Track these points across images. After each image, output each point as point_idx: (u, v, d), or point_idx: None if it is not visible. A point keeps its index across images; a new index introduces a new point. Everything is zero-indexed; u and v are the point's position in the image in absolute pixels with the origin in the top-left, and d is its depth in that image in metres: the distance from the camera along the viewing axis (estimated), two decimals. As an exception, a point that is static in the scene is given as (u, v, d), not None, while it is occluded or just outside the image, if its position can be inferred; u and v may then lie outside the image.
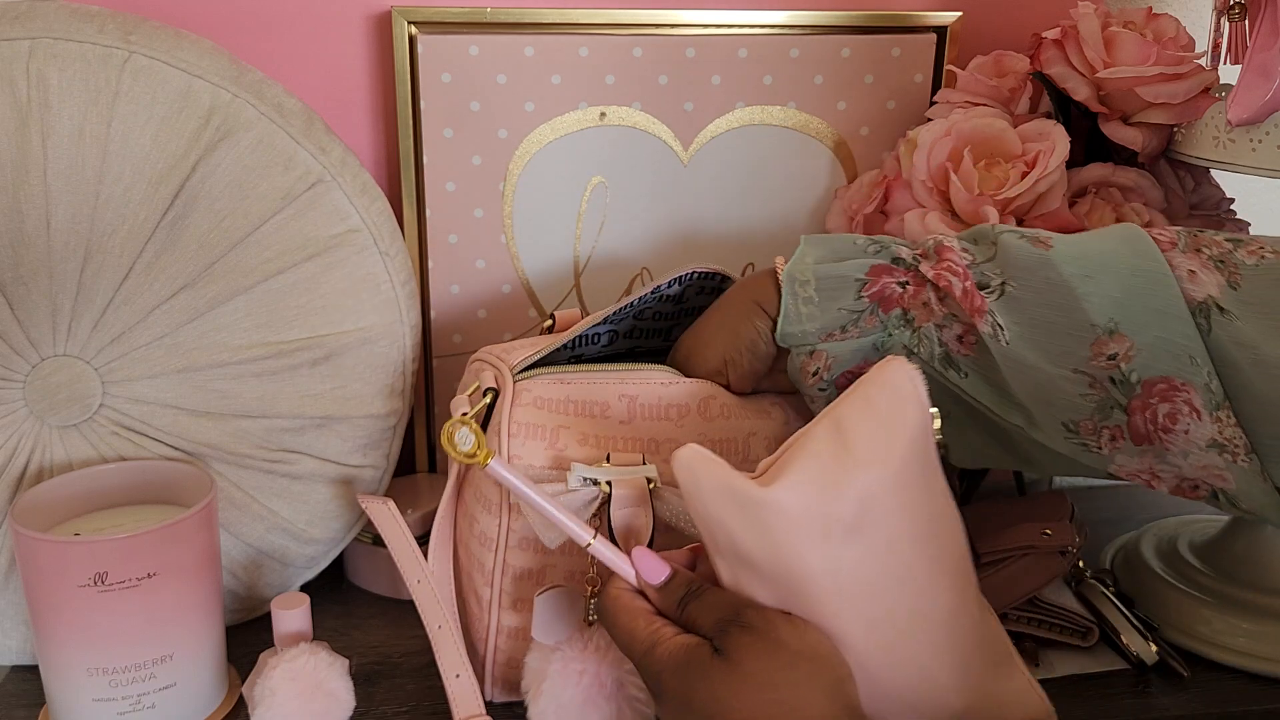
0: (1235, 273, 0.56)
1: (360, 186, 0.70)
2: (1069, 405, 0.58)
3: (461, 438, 0.55)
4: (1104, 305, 0.56)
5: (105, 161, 0.63)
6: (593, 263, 0.84)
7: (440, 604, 0.62)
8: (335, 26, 0.79)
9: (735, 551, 0.50)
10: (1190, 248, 0.58)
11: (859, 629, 0.49)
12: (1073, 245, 0.59)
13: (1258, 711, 0.67)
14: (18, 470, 0.67)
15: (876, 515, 0.49)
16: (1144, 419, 0.56)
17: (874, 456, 0.49)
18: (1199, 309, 0.56)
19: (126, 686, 0.60)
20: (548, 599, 0.59)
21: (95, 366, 0.67)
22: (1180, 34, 0.75)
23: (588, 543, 0.54)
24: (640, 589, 0.53)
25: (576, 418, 0.61)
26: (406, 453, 0.85)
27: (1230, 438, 0.55)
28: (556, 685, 0.57)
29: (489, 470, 0.55)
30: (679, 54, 0.81)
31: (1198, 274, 0.56)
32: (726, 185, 0.84)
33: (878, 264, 0.61)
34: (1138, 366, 0.56)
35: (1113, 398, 0.57)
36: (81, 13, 0.64)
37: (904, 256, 0.61)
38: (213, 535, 0.64)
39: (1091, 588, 0.73)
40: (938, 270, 0.60)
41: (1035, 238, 0.60)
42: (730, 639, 0.48)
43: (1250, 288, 0.55)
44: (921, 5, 0.85)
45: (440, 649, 0.62)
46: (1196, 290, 0.56)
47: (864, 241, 0.63)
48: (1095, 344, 0.56)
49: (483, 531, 0.63)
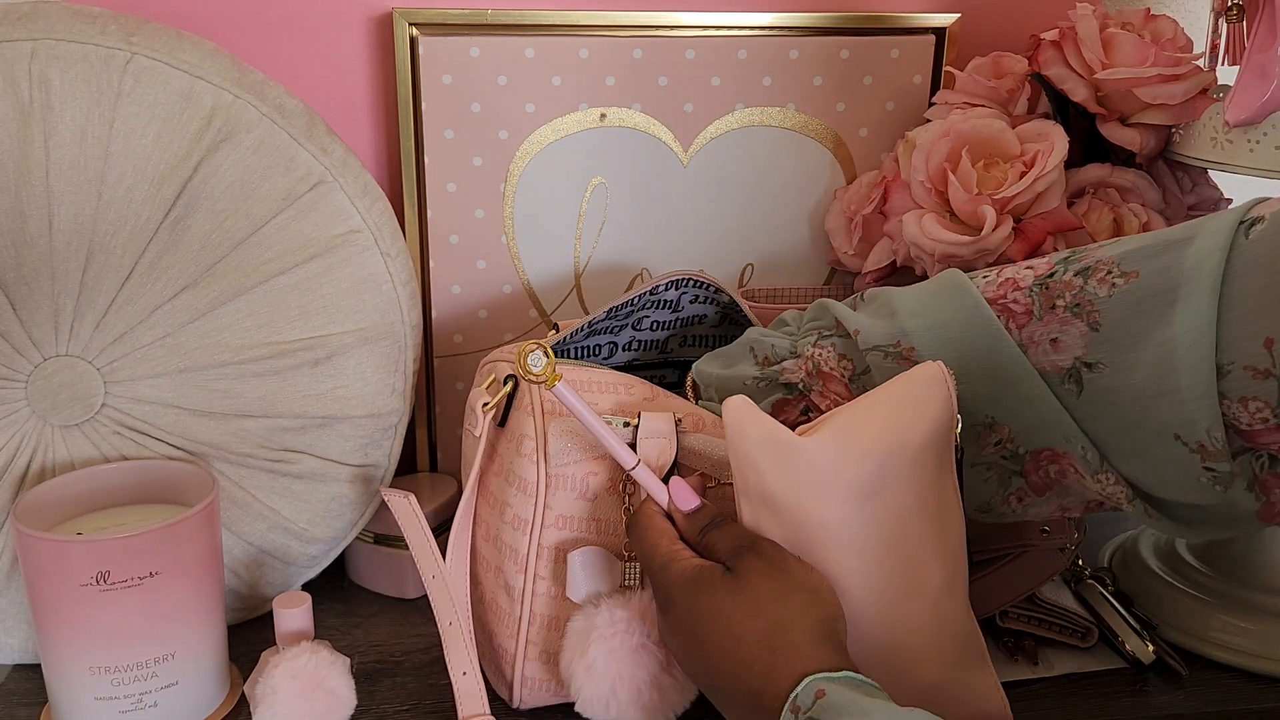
0: (1094, 312, 0.56)
1: (361, 187, 0.70)
2: (976, 494, 0.62)
3: (534, 360, 0.58)
4: (978, 404, 0.60)
5: (107, 162, 0.64)
6: (593, 263, 0.84)
7: (453, 601, 0.63)
8: (336, 28, 0.79)
9: (762, 494, 0.55)
10: (1045, 307, 0.58)
11: (858, 583, 0.54)
12: (933, 344, 0.60)
13: (1256, 710, 0.67)
14: (20, 470, 0.67)
15: (893, 484, 0.55)
16: (1039, 476, 0.61)
17: (900, 429, 0.55)
18: (1068, 375, 0.57)
19: (128, 685, 0.61)
20: (582, 556, 0.62)
21: (97, 366, 0.67)
22: (1178, 35, 0.75)
23: (632, 466, 0.59)
24: (670, 513, 0.59)
25: (600, 394, 0.64)
26: (407, 452, 0.85)
27: (1112, 493, 0.59)
28: (605, 635, 0.59)
29: (556, 390, 0.58)
30: (679, 55, 0.81)
31: (1060, 339, 0.57)
32: (726, 186, 0.85)
33: (777, 399, 0.65)
34: (1021, 443, 0.60)
35: (1008, 470, 0.62)
36: (84, 14, 0.64)
37: (794, 382, 0.64)
38: (214, 534, 0.64)
39: (1090, 587, 0.73)
40: (831, 404, 0.63)
41: (899, 354, 0.61)
42: (743, 561, 0.54)
43: (1109, 323, 0.56)
44: (920, 7, 0.85)
45: (450, 645, 0.62)
46: (1062, 358, 0.57)
47: (750, 378, 0.66)
48: (980, 438, 0.61)
49: (516, 515, 0.62)
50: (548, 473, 0.61)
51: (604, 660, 0.59)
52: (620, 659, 0.59)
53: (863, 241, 0.82)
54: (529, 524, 0.62)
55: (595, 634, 0.59)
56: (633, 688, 0.59)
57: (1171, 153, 0.76)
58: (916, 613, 0.56)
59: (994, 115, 0.76)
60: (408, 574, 0.77)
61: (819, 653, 0.50)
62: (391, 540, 0.77)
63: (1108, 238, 0.74)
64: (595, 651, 0.59)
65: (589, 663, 0.59)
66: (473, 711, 0.62)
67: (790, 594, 0.52)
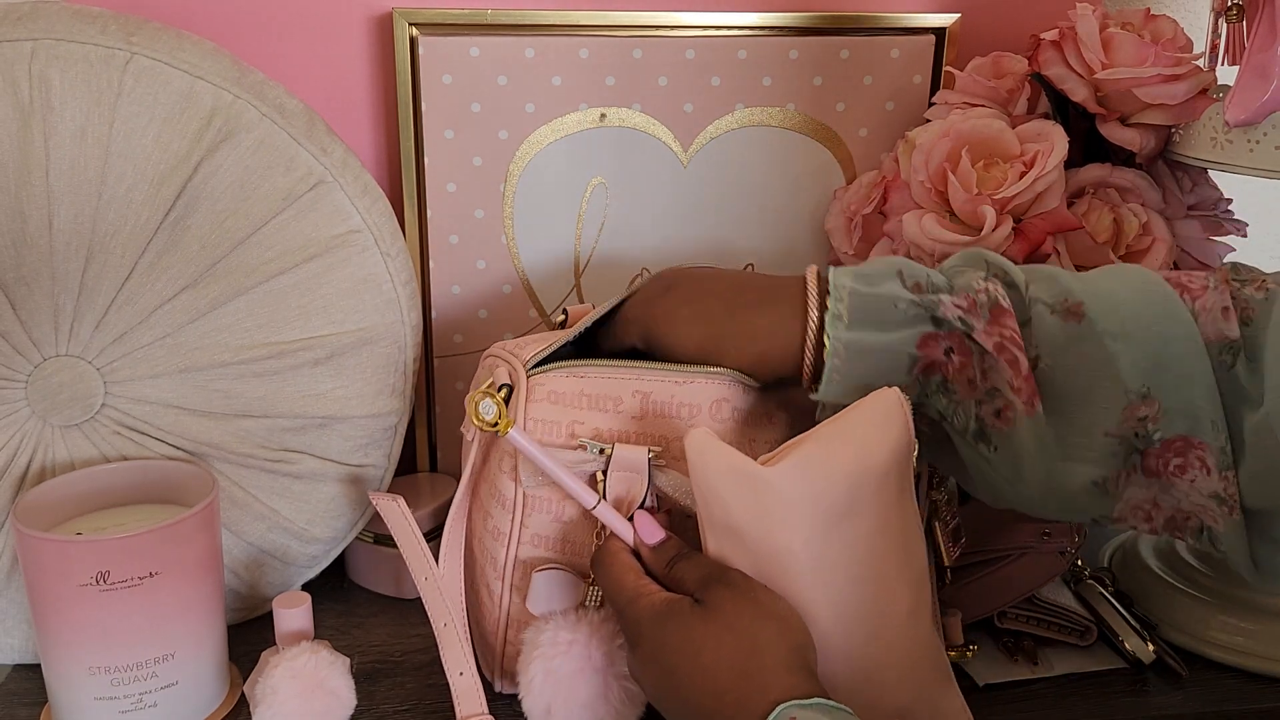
0: (1248, 309, 0.57)
1: (361, 187, 0.70)
2: (1097, 465, 0.58)
3: (485, 408, 0.58)
4: (1136, 371, 0.57)
5: (107, 162, 0.64)
6: (593, 263, 0.84)
7: (446, 602, 0.63)
8: (337, 28, 0.79)
9: (728, 525, 0.55)
10: (1220, 281, 0.58)
11: (826, 610, 0.54)
12: (1104, 305, 0.58)
13: (1255, 710, 0.67)
14: (20, 470, 0.67)
15: (859, 509, 0.54)
16: (1157, 463, 0.58)
17: (865, 454, 0.54)
18: (1229, 347, 0.56)
19: (128, 685, 0.61)
20: (546, 576, 0.62)
21: (97, 366, 0.67)
22: (1178, 35, 0.75)
23: (592, 505, 0.59)
24: (635, 550, 0.58)
25: (589, 411, 0.62)
26: (407, 452, 0.85)
27: (1231, 494, 0.57)
28: (548, 653, 0.59)
29: (509, 437, 0.58)
30: (679, 55, 0.81)
31: (1230, 310, 0.57)
32: (726, 186, 0.85)
33: (925, 333, 0.59)
34: (1163, 426, 0.57)
35: (1130, 448, 0.58)
36: (84, 14, 0.64)
37: (948, 317, 0.58)
38: (214, 534, 0.64)
39: (1090, 587, 0.73)
40: (999, 341, 0.57)
41: (1066, 309, 0.58)
42: (711, 592, 0.54)
43: (1262, 318, 0.56)
44: (920, 7, 0.85)
45: (445, 646, 0.63)
46: (1230, 328, 0.57)
47: (904, 301, 0.59)
48: (1127, 408, 0.57)
49: (495, 527, 0.64)
50: (524, 493, 0.62)
51: (541, 679, 0.59)
52: (557, 680, 0.59)
53: (863, 241, 0.82)
54: (506, 537, 0.63)
55: (538, 652, 0.60)
56: (568, 710, 0.59)
57: (1171, 153, 0.76)
58: (885, 638, 0.56)
59: (994, 115, 0.76)
60: (407, 574, 0.77)
61: (791, 680, 0.50)
62: (391, 540, 0.77)
63: (1108, 238, 0.74)
64: (535, 669, 0.60)
65: (530, 677, 0.60)
66: (471, 711, 0.63)
67: (760, 623, 0.52)
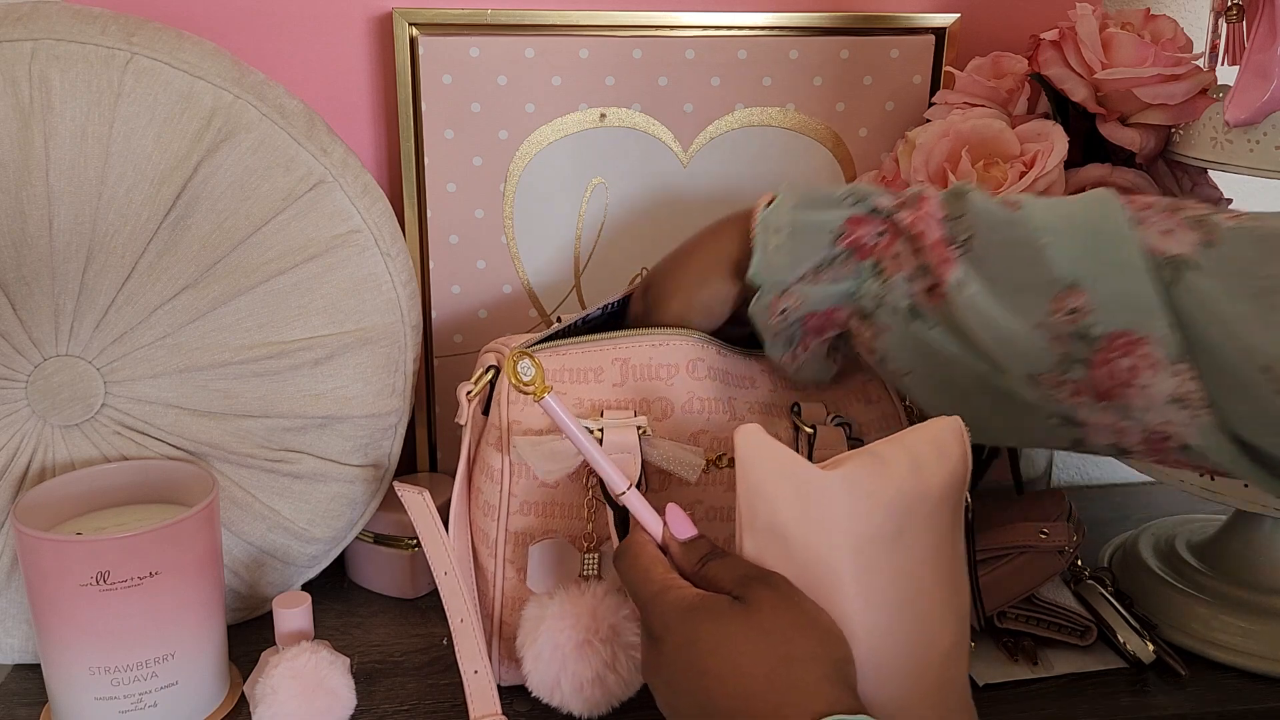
0: (1212, 232, 0.55)
1: (361, 187, 0.70)
2: (1032, 358, 0.57)
3: (524, 368, 0.57)
4: (1065, 260, 0.56)
5: (107, 162, 0.64)
6: (593, 263, 0.84)
7: (465, 598, 0.62)
8: (337, 28, 0.79)
9: (772, 527, 0.52)
10: (1169, 209, 0.57)
11: (865, 631, 0.51)
12: (1041, 205, 0.59)
13: (1255, 710, 0.67)
14: (20, 470, 0.67)
15: (912, 533, 0.52)
16: (1105, 373, 0.56)
17: (923, 477, 0.52)
18: (1167, 263, 0.55)
19: (128, 685, 0.61)
20: (542, 548, 0.63)
21: (97, 366, 0.67)
22: (1178, 35, 0.75)
23: (622, 491, 0.56)
24: (663, 545, 0.55)
25: (573, 384, 0.64)
26: (408, 452, 0.85)
27: (1189, 391, 0.54)
28: (554, 626, 0.59)
29: (544, 404, 0.57)
30: (679, 55, 0.81)
31: (1173, 232, 0.55)
32: (726, 186, 0.85)
33: (856, 214, 0.61)
34: (1098, 320, 0.55)
35: (1073, 354, 0.56)
36: (84, 14, 0.64)
37: (883, 206, 0.61)
38: (214, 534, 0.64)
39: (1089, 587, 0.73)
40: (915, 216, 0.59)
41: (1006, 200, 0.59)
42: (753, 591, 0.50)
43: (1226, 245, 0.54)
44: (920, 7, 0.85)
45: (461, 643, 0.62)
46: (1170, 245, 0.55)
47: (844, 193, 0.62)
48: (1056, 298, 0.56)
49: (486, 501, 0.65)
50: (509, 462, 0.63)
51: (549, 653, 0.60)
52: (565, 654, 0.60)
53: (863, 241, 0.82)
54: (496, 510, 0.64)
55: (544, 625, 0.60)
56: (576, 682, 0.60)
57: (1171, 153, 0.76)
58: (921, 673, 0.52)
59: (994, 115, 0.76)
60: (407, 574, 0.78)
61: (833, 693, 0.47)
62: (391, 540, 0.77)
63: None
64: (543, 643, 0.60)
65: (537, 652, 0.60)
66: (484, 711, 0.62)
67: (803, 630, 0.49)
